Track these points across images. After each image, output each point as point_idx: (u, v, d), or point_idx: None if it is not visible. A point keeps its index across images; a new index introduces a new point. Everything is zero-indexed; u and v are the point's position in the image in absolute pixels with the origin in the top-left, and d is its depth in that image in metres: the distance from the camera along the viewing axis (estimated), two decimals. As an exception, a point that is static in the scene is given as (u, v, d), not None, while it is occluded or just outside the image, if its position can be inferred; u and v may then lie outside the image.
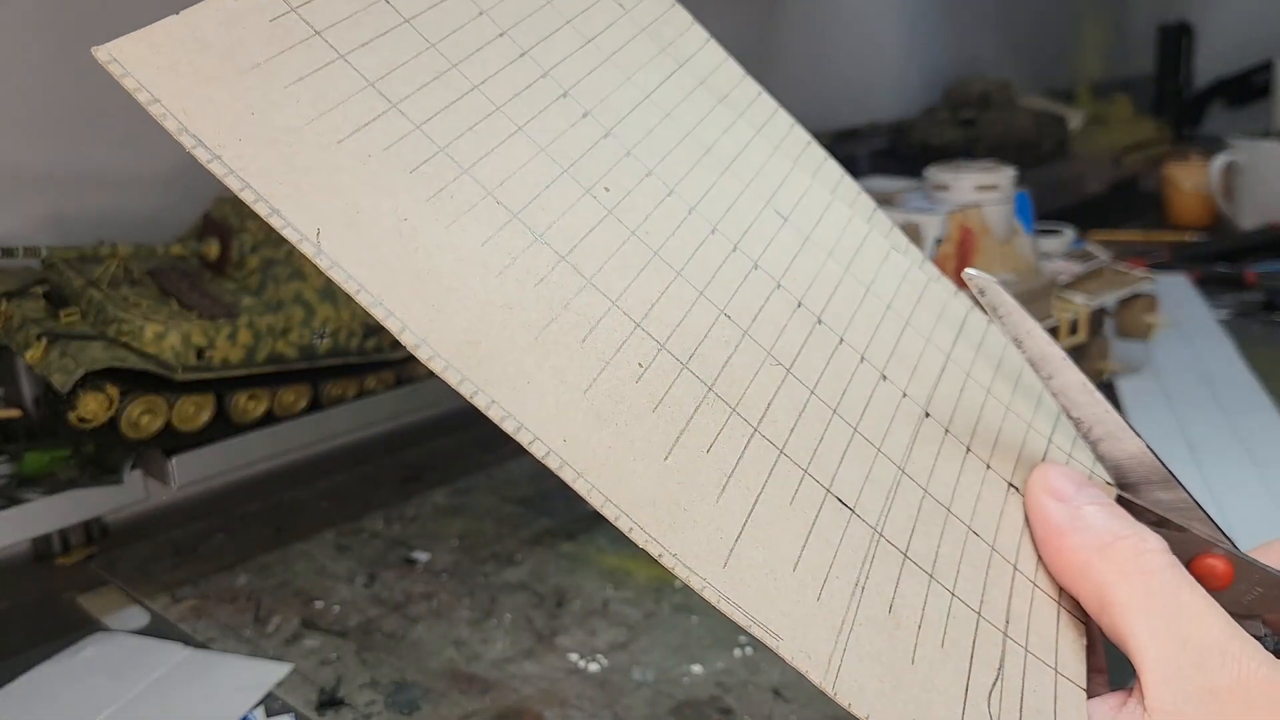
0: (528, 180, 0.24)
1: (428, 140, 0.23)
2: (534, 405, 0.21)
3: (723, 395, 0.24)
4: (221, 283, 0.68)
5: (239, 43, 0.21)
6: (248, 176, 0.20)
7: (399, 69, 0.23)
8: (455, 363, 0.21)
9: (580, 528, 0.69)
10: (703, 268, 0.26)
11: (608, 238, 0.24)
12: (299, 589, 0.63)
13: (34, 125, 0.70)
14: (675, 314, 0.24)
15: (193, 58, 0.20)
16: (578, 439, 0.21)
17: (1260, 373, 0.86)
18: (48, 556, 0.68)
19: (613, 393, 0.22)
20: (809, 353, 0.26)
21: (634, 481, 0.21)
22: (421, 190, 0.22)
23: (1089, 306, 0.78)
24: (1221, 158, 1.30)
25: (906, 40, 1.51)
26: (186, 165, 0.78)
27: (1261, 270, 1.09)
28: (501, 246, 0.22)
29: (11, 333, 0.61)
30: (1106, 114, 1.64)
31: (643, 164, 0.26)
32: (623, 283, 0.24)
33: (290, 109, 0.21)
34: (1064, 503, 0.25)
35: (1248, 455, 0.71)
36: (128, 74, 0.20)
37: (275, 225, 0.20)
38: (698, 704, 0.50)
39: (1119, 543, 0.24)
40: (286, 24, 0.22)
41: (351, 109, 0.22)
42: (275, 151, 0.20)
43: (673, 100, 0.29)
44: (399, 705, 0.51)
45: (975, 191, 0.78)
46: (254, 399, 0.67)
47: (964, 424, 0.28)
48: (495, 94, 0.24)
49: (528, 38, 0.26)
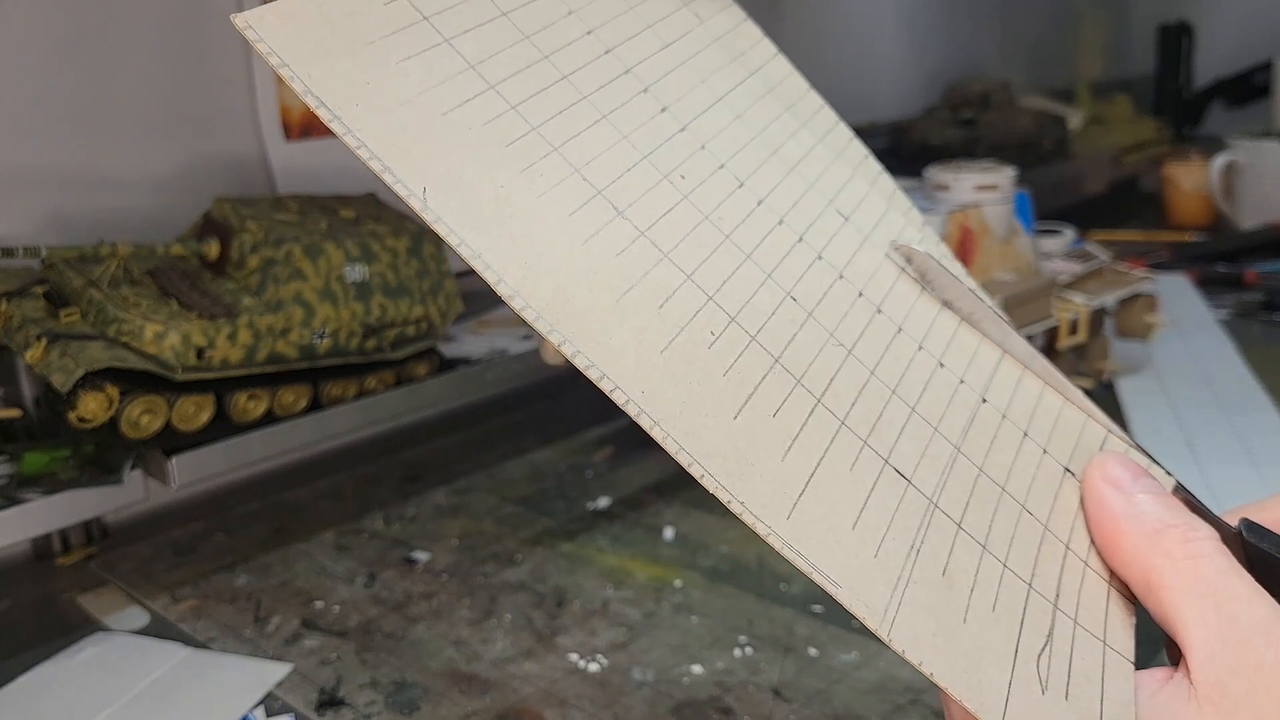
0: (610, 163, 0.25)
1: (522, 120, 0.24)
2: (615, 358, 0.23)
3: (788, 368, 0.25)
4: (221, 283, 0.68)
5: (357, 21, 0.23)
6: (363, 136, 0.22)
7: (496, 55, 0.25)
8: (545, 314, 0.22)
9: (580, 528, 0.69)
10: (770, 254, 0.27)
11: (683, 219, 0.26)
12: (299, 589, 0.63)
13: (34, 125, 0.70)
14: (744, 292, 0.26)
15: (317, 30, 0.22)
16: (654, 392, 0.23)
17: (1260, 372, 0.86)
18: (48, 556, 0.68)
19: (686, 355, 0.24)
20: (869, 338, 0.28)
21: (705, 434, 0.23)
22: (516, 163, 0.23)
23: (1089, 306, 0.78)
24: (1221, 157, 1.30)
25: (906, 40, 1.51)
26: (186, 165, 0.78)
27: (1261, 270, 1.09)
28: (587, 218, 0.24)
29: (11, 333, 0.61)
30: (1106, 114, 1.64)
31: (715, 158, 0.28)
32: (696, 260, 0.25)
33: (402, 82, 0.23)
34: (1120, 490, 0.26)
35: (1247, 455, 0.71)
36: (261, 39, 0.22)
37: (387, 181, 0.22)
38: (698, 704, 0.50)
39: (1169, 530, 0.25)
40: (399, 7, 0.24)
41: (455, 87, 0.24)
42: (388, 117, 0.22)
43: (744, 104, 0.31)
44: (399, 705, 0.51)
45: (975, 191, 0.78)
46: (254, 399, 0.67)
47: (1021, 411, 0.30)
48: (582, 85, 0.26)
49: (612, 37, 0.28)
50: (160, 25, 0.75)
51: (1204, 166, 1.33)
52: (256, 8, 0.22)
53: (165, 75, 0.76)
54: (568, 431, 0.85)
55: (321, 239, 0.70)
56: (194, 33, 0.77)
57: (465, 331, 0.87)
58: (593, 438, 0.83)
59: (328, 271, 0.69)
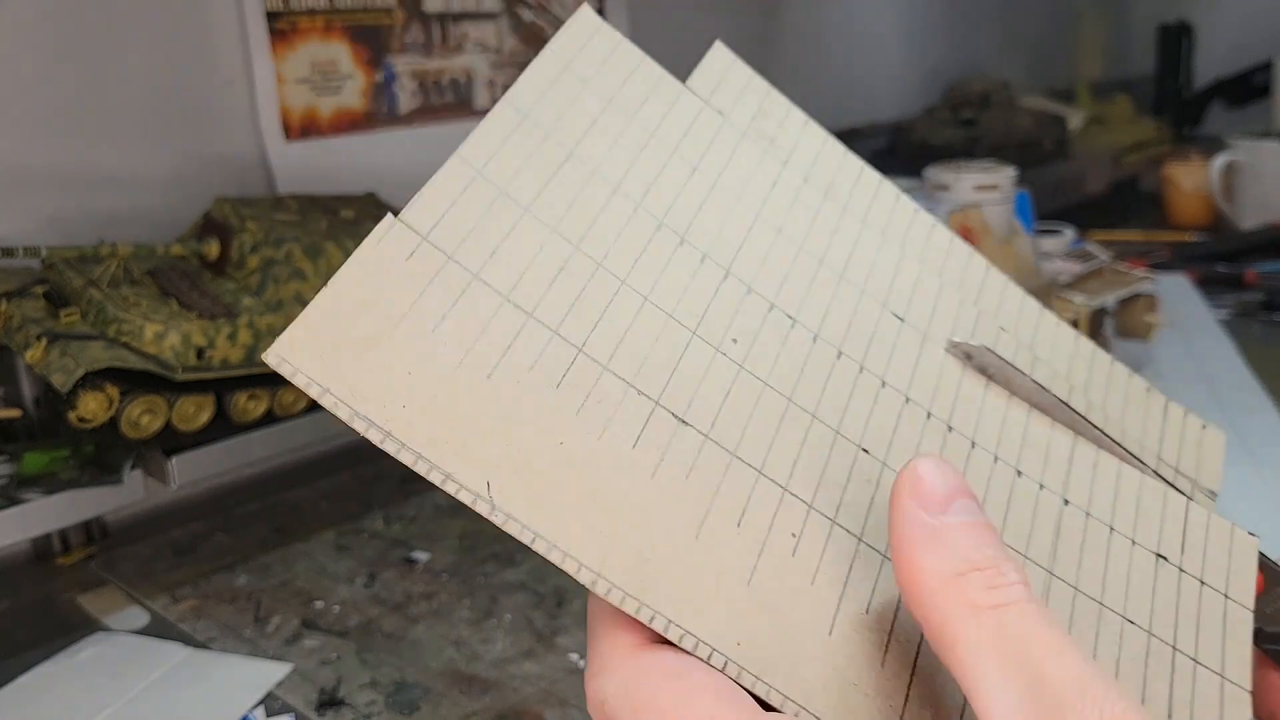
0: (661, 356, 0.23)
1: (566, 344, 0.22)
2: (709, 615, 0.21)
3: (873, 544, 0.23)
4: (221, 283, 0.68)
5: (384, 294, 0.21)
6: (418, 448, 0.20)
7: (528, 270, 0.23)
8: (632, 590, 0.20)
9: (580, 528, 0.69)
10: (836, 402, 0.25)
11: (743, 396, 0.24)
12: (299, 589, 0.63)
13: (34, 125, 0.70)
14: (819, 463, 0.24)
15: (346, 328, 0.20)
16: (751, 638, 0.21)
17: (1260, 373, 0.86)
18: (48, 556, 0.68)
19: (774, 572, 0.22)
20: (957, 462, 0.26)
21: (807, 665, 0.21)
22: (570, 403, 0.22)
23: (1089, 306, 0.78)
24: (1221, 157, 1.30)
25: (906, 40, 1.51)
26: (186, 165, 0.78)
27: (1261, 270, 1.09)
28: (649, 443, 0.22)
29: (11, 333, 0.61)
30: (1106, 114, 1.64)
31: (764, 299, 0.26)
32: (765, 444, 0.23)
33: (440, 355, 0.21)
34: (927, 512, 0.21)
35: (1248, 455, 0.71)
36: (298, 371, 0.20)
37: (450, 490, 0.20)
38: (698, 704, 0.50)
39: (973, 574, 0.21)
40: (422, 255, 0.22)
41: (493, 333, 0.22)
42: (436, 410, 0.20)
43: (782, 211, 0.29)
44: (399, 705, 0.51)
45: (975, 191, 0.78)
46: (254, 399, 0.67)
47: (1103, 504, 0.28)
48: (618, 266, 0.24)
49: (638, 186, 0.26)
50: (160, 25, 0.75)
51: (1204, 166, 1.33)
52: (286, 331, 0.20)
53: (165, 75, 0.76)
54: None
55: (322, 239, 0.70)
56: (194, 33, 0.77)
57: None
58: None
59: (328, 271, 0.69)
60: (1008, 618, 0.20)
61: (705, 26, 1.18)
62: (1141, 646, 0.25)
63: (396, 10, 0.88)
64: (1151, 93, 1.82)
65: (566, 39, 0.27)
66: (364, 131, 0.87)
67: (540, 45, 1.04)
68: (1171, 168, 1.37)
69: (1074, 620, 0.25)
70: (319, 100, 0.84)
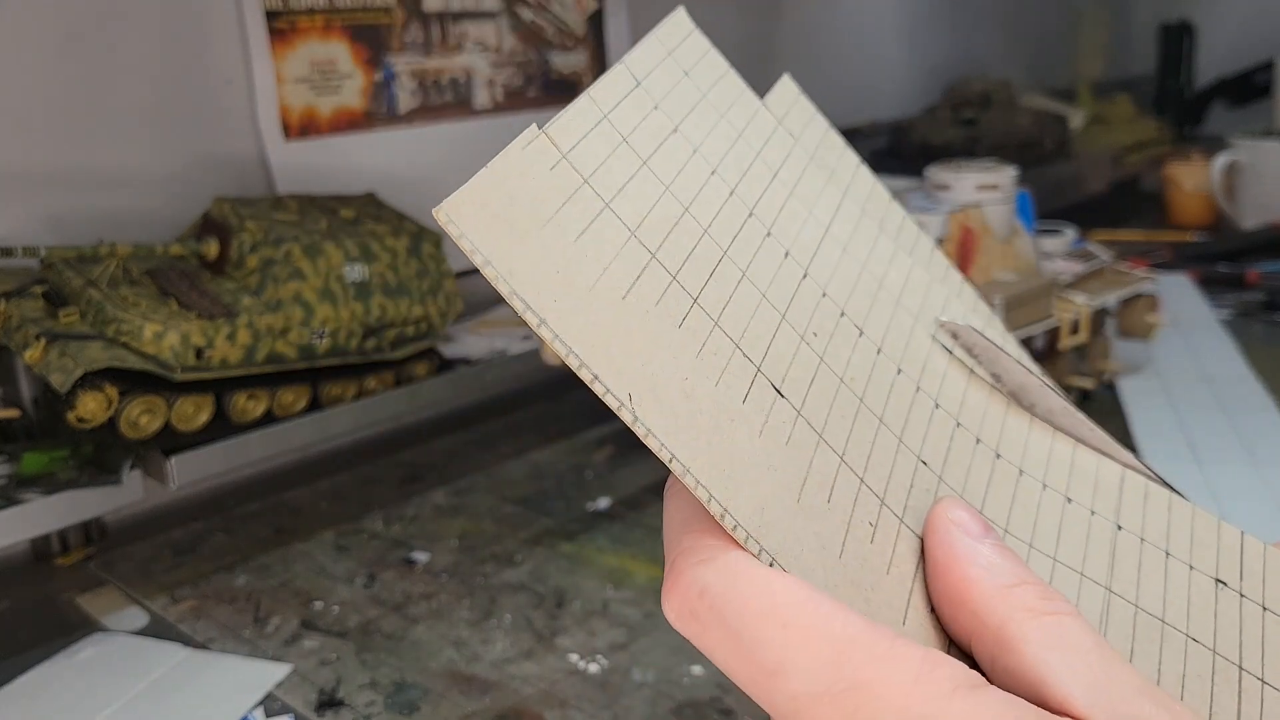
0: (759, 329, 0.24)
1: (684, 292, 0.23)
2: (814, 578, 0.21)
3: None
4: (221, 282, 0.68)
5: (533, 194, 0.22)
6: (570, 342, 0.20)
7: (649, 216, 0.24)
8: (752, 531, 0.21)
9: (580, 528, 0.68)
10: (897, 412, 0.26)
11: (825, 386, 0.25)
12: (298, 589, 0.63)
13: (34, 125, 0.70)
14: (885, 466, 0.25)
15: (505, 211, 0.21)
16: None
17: (1261, 373, 0.86)
18: (47, 557, 0.68)
19: (858, 553, 0.22)
20: (995, 489, 0.27)
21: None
22: (691, 346, 0.22)
23: (1090, 306, 0.78)
24: (1223, 157, 1.30)
25: (907, 40, 1.51)
26: (186, 165, 0.77)
27: (1263, 270, 1.09)
28: (756, 404, 0.23)
29: (10, 333, 0.61)
30: (1108, 113, 1.63)
31: (836, 305, 0.27)
32: (842, 436, 0.24)
33: (583, 265, 0.22)
34: (971, 537, 0.23)
35: (1249, 455, 0.71)
36: (464, 235, 0.20)
37: (598, 391, 0.21)
38: (698, 704, 0.50)
39: (1026, 585, 0.22)
40: (562, 172, 0.22)
41: (625, 262, 0.22)
42: (583, 313, 0.21)
43: (846, 233, 0.30)
44: (398, 706, 0.51)
45: (976, 191, 0.78)
46: (253, 399, 0.67)
47: (1156, 531, 0.28)
48: (720, 238, 0.25)
49: (733, 175, 0.27)
50: (160, 25, 0.75)
51: (1205, 166, 1.32)
52: (454, 195, 0.20)
53: (165, 75, 0.76)
54: (568, 431, 0.85)
55: (321, 239, 0.70)
56: (193, 33, 0.77)
57: (465, 331, 0.87)
58: (593, 438, 0.83)
59: (327, 271, 0.69)
60: (1066, 624, 0.21)
61: (706, 26, 1.17)
62: (1207, 664, 0.25)
63: (396, 9, 0.88)
64: (1153, 92, 1.81)
65: (667, 31, 0.29)
66: (363, 131, 0.87)
67: (540, 45, 1.03)
68: (1173, 167, 1.37)
69: (1136, 636, 0.25)
70: (318, 100, 0.84)
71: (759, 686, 0.20)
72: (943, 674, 0.19)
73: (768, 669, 0.20)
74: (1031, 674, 0.20)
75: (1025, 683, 0.20)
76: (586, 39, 1.03)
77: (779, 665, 0.20)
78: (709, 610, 0.21)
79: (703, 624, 0.21)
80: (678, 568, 0.21)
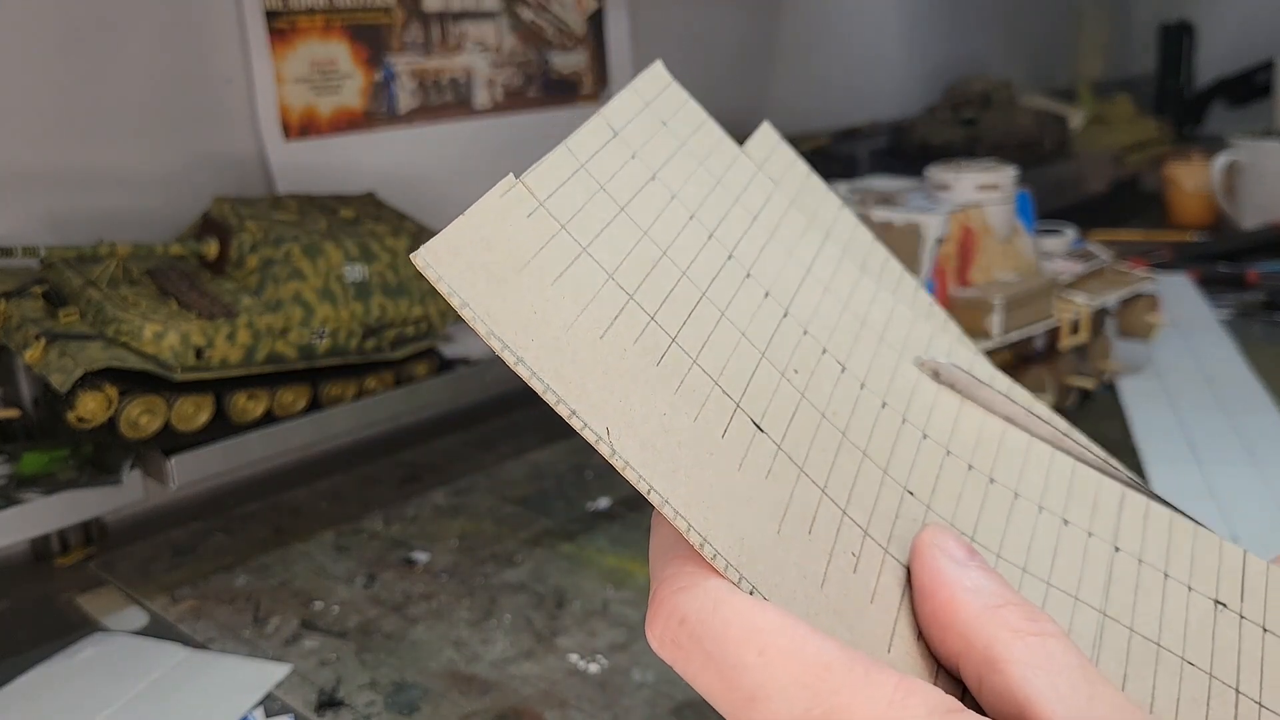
0: (738, 366, 0.25)
1: (662, 331, 0.24)
2: (794, 606, 0.22)
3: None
4: (220, 282, 0.68)
5: (510, 240, 0.23)
6: (547, 379, 0.21)
7: (626, 259, 0.25)
8: (733, 560, 0.22)
9: (580, 528, 0.68)
10: (882, 444, 0.27)
11: (806, 422, 0.25)
12: (298, 589, 0.63)
13: (33, 125, 0.70)
14: (869, 497, 0.25)
15: (482, 256, 0.22)
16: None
17: (1262, 373, 0.86)
18: (47, 557, 0.68)
19: (841, 583, 0.23)
20: (987, 514, 0.27)
21: None
22: (669, 383, 0.23)
23: (1090, 306, 0.78)
24: (1223, 157, 1.30)
25: (907, 40, 1.51)
26: (186, 165, 0.77)
27: (1263, 270, 1.09)
28: (735, 438, 0.23)
29: (10, 332, 0.61)
30: (1108, 113, 1.63)
31: (818, 341, 0.28)
32: (824, 469, 0.25)
33: (560, 306, 0.22)
34: (956, 563, 0.23)
35: (1249, 455, 0.71)
36: (441, 279, 0.21)
37: (576, 426, 0.21)
38: (698, 705, 0.50)
39: (1011, 606, 0.22)
40: (539, 219, 0.23)
41: (602, 303, 0.23)
42: (560, 351, 0.22)
43: (828, 273, 0.31)
44: (398, 706, 0.51)
45: (976, 191, 0.78)
46: (253, 399, 0.67)
47: (1156, 551, 0.29)
48: (699, 279, 0.26)
49: (711, 219, 0.28)
50: (160, 25, 0.75)
51: (1205, 166, 1.32)
52: (431, 241, 0.22)
53: (164, 74, 0.76)
54: (568, 431, 0.84)
55: (321, 239, 0.70)
56: (193, 32, 0.77)
57: (465, 331, 0.87)
58: (593, 438, 0.83)
59: (327, 271, 0.69)
60: (1051, 645, 0.21)
61: (705, 26, 1.17)
62: (1202, 688, 0.25)
63: (396, 9, 0.88)
64: (1152, 92, 1.81)
65: (645, 83, 0.30)
66: (363, 131, 0.87)
67: (540, 45, 1.03)
68: (1173, 167, 1.37)
69: (1130, 659, 0.25)
70: (318, 99, 0.84)
71: (739, 712, 0.20)
72: (916, 700, 0.19)
73: (746, 694, 0.20)
74: (1017, 693, 0.21)
75: (1010, 703, 0.21)
76: (586, 39, 1.03)
77: (756, 690, 0.20)
78: (689, 637, 0.21)
79: (684, 651, 0.21)
80: (659, 596, 0.22)
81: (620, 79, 1.06)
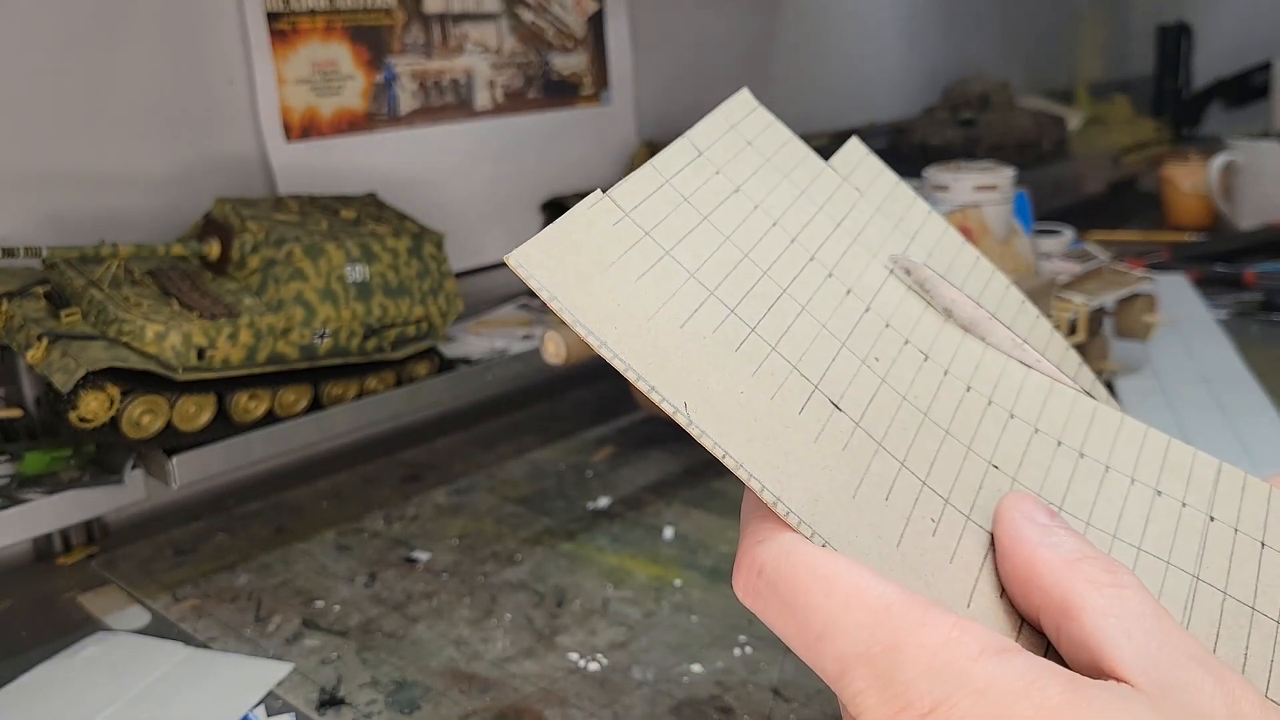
0: (817, 354, 0.27)
1: (741, 323, 0.26)
2: (869, 561, 0.24)
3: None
4: (222, 283, 0.68)
5: (597, 244, 0.25)
6: (628, 360, 0.24)
7: (708, 261, 0.27)
8: (805, 517, 0.23)
9: (580, 527, 0.69)
10: (966, 423, 0.29)
11: (886, 403, 0.27)
12: (299, 588, 0.63)
13: (35, 125, 0.70)
14: (951, 471, 0.27)
15: (571, 257, 0.24)
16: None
17: (1259, 372, 0.86)
18: (49, 556, 0.68)
19: (918, 544, 0.25)
20: (1076, 486, 0.29)
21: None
22: (748, 366, 0.25)
23: (1088, 306, 0.78)
24: (1220, 158, 1.30)
25: (906, 40, 1.51)
26: (187, 165, 0.78)
27: (1260, 270, 1.09)
28: (812, 415, 0.25)
29: (12, 333, 0.61)
30: (1105, 114, 1.64)
31: (899, 334, 0.30)
32: (904, 445, 0.27)
33: (643, 300, 0.25)
34: (1035, 524, 0.25)
35: (1246, 455, 0.71)
36: (532, 277, 0.24)
37: (655, 400, 0.23)
38: (697, 703, 0.50)
39: (1089, 560, 0.23)
40: (624, 227, 0.26)
41: (684, 298, 0.26)
42: (642, 337, 0.24)
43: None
44: (399, 705, 0.51)
45: (974, 192, 0.79)
46: (255, 399, 0.67)
47: (1254, 522, 0.30)
48: (780, 278, 0.28)
49: (794, 225, 0.30)
50: (161, 25, 0.76)
51: (1203, 167, 1.33)
52: (524, 245, 0.24)
53: (166, 75, 0.76)
54: (568, 431, 0.85)
55: (322, 239, 0.70)
56: (194, 33, 0.77)
57: (465, 331, 0.87)
58: (593, 438, 0.84)
59: (328, 272, 0.69)
60: (1126, 595, 0.23)
61: (705, 26, 1.18)
62: (1271, 633, 0.26)
63: (396, 11, 0.88)
64: (1150, 93, 1.82)
65: (731, 108, 0.32)
66: (364, 132, 0.87)
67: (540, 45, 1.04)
68: (1170, 168, 1.38)
69: (1223, 621, 0.26)
70: (319, 101, 0.84)
71: (810, 650, 0.22)
72: (970, 638, 0.21)
73: (815, 633, 0.22)
74: (1091, 640, 0.22)
75: (1085, 649, 0.22)
76: (586, 40, 1.03)
77: (824, 629, 0.22)
78: (766, 585, 0.23)
79: (762, 598, 0.23)
80: (742, 549, 0.24)
81: (620, 80, 1.06)
